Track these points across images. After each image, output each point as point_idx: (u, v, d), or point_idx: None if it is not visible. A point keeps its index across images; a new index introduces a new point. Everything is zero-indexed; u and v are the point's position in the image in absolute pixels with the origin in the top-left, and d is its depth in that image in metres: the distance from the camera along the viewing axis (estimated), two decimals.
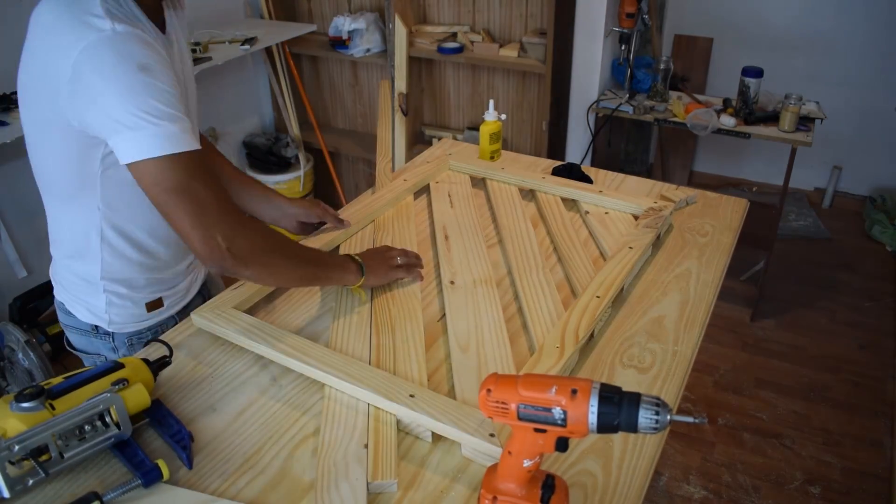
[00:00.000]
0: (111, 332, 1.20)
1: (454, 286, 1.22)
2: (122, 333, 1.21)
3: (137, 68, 0.88)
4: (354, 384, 0.96)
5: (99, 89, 0.89)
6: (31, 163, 1.08)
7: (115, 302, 1.17)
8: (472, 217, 1.45)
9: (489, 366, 1.03)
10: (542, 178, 1.56)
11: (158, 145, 0.89)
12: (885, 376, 2.53)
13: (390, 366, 1.03)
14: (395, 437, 0.92)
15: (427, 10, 3.08)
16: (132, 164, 0.91)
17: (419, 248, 1.35)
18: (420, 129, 3.28)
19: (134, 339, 1.22)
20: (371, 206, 1.45)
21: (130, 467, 0.86)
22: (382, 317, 1.14)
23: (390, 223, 1.42)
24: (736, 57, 3.38)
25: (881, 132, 3.41)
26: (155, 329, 1.23)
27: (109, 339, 1.21)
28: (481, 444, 0.87)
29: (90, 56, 0.88)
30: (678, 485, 2.10)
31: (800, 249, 3.32)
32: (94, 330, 1.20)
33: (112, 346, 1.22)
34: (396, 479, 0.86)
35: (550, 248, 1.37)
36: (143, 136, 0.89)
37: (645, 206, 1.43)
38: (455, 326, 1.12)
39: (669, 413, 0.68)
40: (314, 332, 1.14)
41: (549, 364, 0.98)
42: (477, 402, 0.76)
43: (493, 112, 1.66)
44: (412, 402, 0.93)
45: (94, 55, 0.88)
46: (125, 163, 0.91)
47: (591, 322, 1.07)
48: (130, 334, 1.21)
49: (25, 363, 2.16)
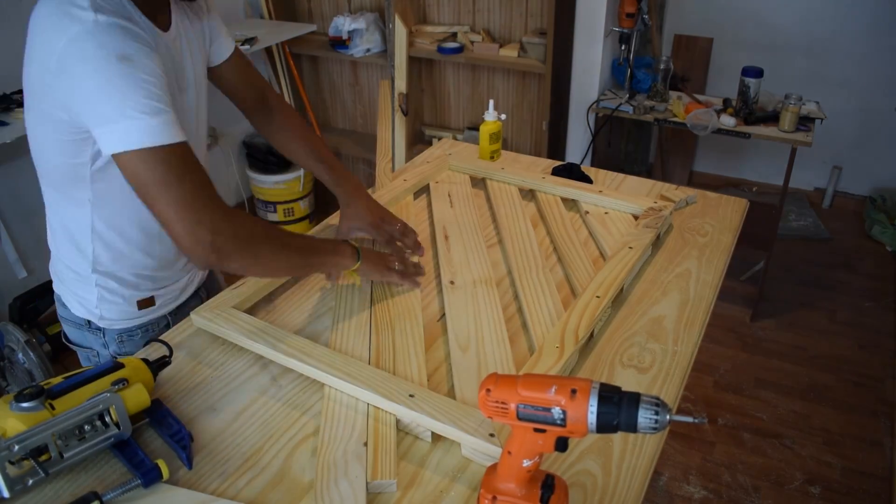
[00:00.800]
0: (102, 328, 1.20)
1: (454, 286, 1.22)
2: (113, 330, 1.21)
3: (118, 59, 0.88)
4: (354, 384, 0.96)
5: (81, 80, 0.89)
6: (31, 154, 1.08)
7: (105, 297, 1.17)
8: (472, 217, 1.45)
9: (489, 366, 1.03)
10: (542, 178, 1.56)
11: (138, 138, 0.89)
12: (885, 376, 2.53)
13: (390, 366, 1.03)
14: (394, 437, 0.92)
15: (427, 10, 3.08)
16: (115, 156, 0.91)
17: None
18: (420, 129, 3.28)
19: (124, 336, 1.22)
20: None
21: (130, 467, 0.86)
22: (382, 317, 1.14)
23: None
24: (736, 57, 3.38)
25: (881, 132, 3.41)
26: (146, 327, 1.23)
27: (101, 335, 1.21)
28: (481, 444, 0.87)
29: (73, 48, 0.88)
30: (678, 485, 2.10)
31: (800, 249, 3.32)
32: (87, 324, 1.21)
33: (103, 342, 1.22)
34: (396, 479, 0.86)
35: (550, 248, 1.37)
36: (123, 127, 0.89)
37: (645, 206, 1.43)
38: (455, 326, 1.12)
39: (669, 413, 0.68)
40: (314, 333, 1.14)
41: (549, 364, 0.98)
42: (476, 402, 0.76)
43: (492, 112, 1.66)
44: (412, 401, 0.93)
45: (76, 47, 0.88)
46: (107, 153, 0.91)
47: (590, 322, 1.07)
48: (121, 331, 1.21)
49: (25, 363, 2.16)
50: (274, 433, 0.94)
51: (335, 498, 0.82)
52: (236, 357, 1.08)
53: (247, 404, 0.99)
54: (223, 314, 1.12)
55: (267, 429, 0.95)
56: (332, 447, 0.89)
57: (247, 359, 1.08)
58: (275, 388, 1.02)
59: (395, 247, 1.31)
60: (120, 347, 1.22)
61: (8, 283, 2.46)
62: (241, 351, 1.09)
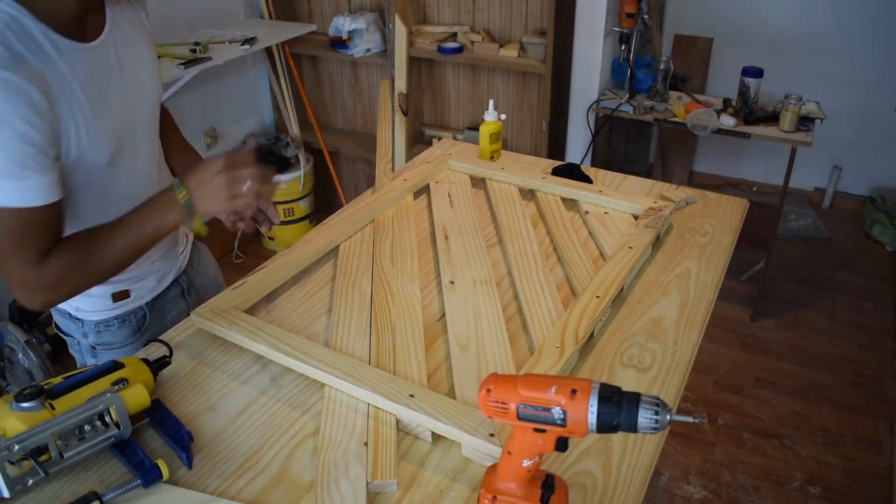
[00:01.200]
0: (80, 319, 1.22)
1: (454, 286, 1.22)
2: (90, 321, 1.23)
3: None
4: (355, 384, 0.96)
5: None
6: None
7: None
8: (472, 217, 1.45)
9: (489, 366, 1.03)
10: (542, 178, 1.56)
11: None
12: (885, 376, 2.53)
13: (390, 366, 1.03)
14: (394, 437, 0.92)
15: (427, 10, 3.08)
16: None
17: (419, 249, 1.35)
18: (420, 129, 3.28)
19: (101, 326, 1.24)
20: (371, 206, 1.45)
21: (130, 467, 0.86)
22: (382, 317, 1.14)
23: (390, 223, 1.42)
24: (736, 57, 3.37)
25: (881, 132, 3.41)
26: (123, 318, 1.24)
27: (80, 325, 1.23)
28: (481, 444, 0.87)
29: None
30: (678, 485, 2.10)
31: (800, 249, 3.32)
32: (68, 315, 1.23)
33: (83, 331, 1.24)
34: (396, 479, 0.86)
35: (550, 248, 1.37)
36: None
37: (645, 206, 1.43)
38: (455, 326, 1.11)
39: (669, 413, 0.68)
40: (314, 332, 1.14)
41: (550, 364, 0.98)
42: (477, 402, 0.76)
43: (492, 112, 1.66)
44: (412, 401, 0.92)
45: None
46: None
47: (591, 322, 1.07)
48: (97, 322, 1.23)
49: (25, 363, 2.16)
50: (274, 433, 0.94)
51: (335, 498, 0.82)
52: (236, 357, 1.08)
53: (247, 404, 0.99)
54: (223, 314, 1.12)
55: (267, 429, 0.95)
56: (333, 447, 0.89)
57: (247, 359, 1.08)
58: (275, 389, 1.02)
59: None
60: (98, 338, 1.24)
61: None
62: (241, 351, 1.09)
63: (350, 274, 1.26)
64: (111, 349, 1.26)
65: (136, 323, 1.26)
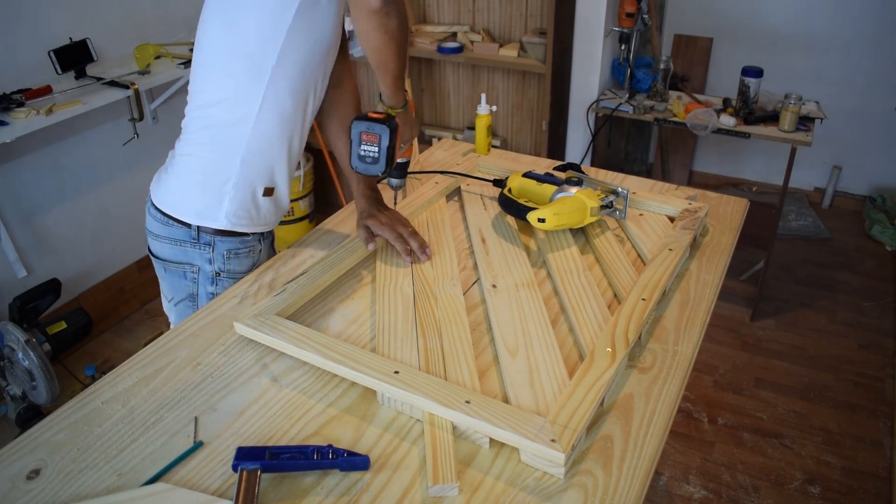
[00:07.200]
0: (211, 243, 1.29)
1: (496, 290, 1.20)
2: (221, 247, 1.29)
3: None
4: (410, 391, 0.94)
5: None
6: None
7: (240, 189, 1.27)
8: (507, 219, 1.43)
9: (540, 370, 1.01)
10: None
11: None
12: (885, 376, 2.53)
13: (440, 371, 1.01)
14: (452, 442, 0.90)
15: (427, 9, 3.08)
16: None
17: (458, 253, 1.34)
18: (420, 129, 3.28)
19: (231, 253, 1.31)
20: (403, 211, 1.41)
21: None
22: (427, 320, 1.12)
23: (425, 226, 1.41)
24: (736, 57, 3.38)
25: (881, 132, 3.41)
26: (249, 247, 1.33)
27: (208, 249, 1.29)
28: (542, 450, 0.85)
29: None
30: (678, 485, 2.10)
31: (800, 249, 3.33)
32: (194, 240, 1.29)
33: (209, 257, 1.30)
34: (458, 483, 0.84)
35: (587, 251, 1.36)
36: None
37: (678, 207, 1.42)
38: (501, 330, 1.10)
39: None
40: (358, 337, 1.13)
41: (602, 368, 0.97)
42: (533, 406, 0.72)
43: (485, 105, 1.72)
44: (469, 408, 0.90)
45: None
46: None
47: (639, 324, 1.06)
48: (228, 249, 1.30)
49: (25, 363, 2.16)
50: (275, 433, 0.94)
51: None
52: (237, 357, 1.08)
53: (247, 404, 0.99)
54: (268, 322, 1.09)
55: (267, 429, 0.95)
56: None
57: (247, 359, 1.08)
58: (275, 389, 1.02)
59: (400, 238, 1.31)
60: (225, 264, 1.31)
61: (8, 282, 2.45)
62: (241, 351, 1.09)
63: (390, 277, 1.24)
64: (234, 277, 1.32)
65: (255, 256, 1.35)
